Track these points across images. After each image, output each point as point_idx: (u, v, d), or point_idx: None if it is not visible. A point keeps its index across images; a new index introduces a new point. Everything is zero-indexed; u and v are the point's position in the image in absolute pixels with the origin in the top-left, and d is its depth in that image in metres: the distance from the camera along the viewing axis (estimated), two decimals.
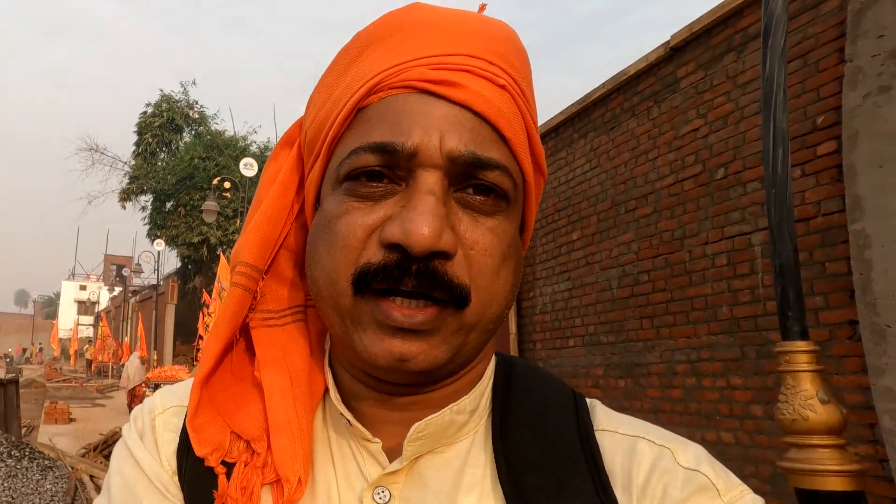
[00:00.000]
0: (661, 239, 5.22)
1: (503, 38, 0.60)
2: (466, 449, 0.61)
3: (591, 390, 6.01)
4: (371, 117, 0.56)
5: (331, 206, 0.57)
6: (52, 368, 32.23)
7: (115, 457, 0.66)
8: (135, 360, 15.30)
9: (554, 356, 6.65)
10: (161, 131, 24.73)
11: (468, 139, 0.54)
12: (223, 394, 0.64)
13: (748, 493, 0.57)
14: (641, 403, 5.36)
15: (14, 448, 6.43)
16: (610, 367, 5.80)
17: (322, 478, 0.61)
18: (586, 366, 6.13)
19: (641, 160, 5.52)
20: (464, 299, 0.54)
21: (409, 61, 0.56)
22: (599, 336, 5.96)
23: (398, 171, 0.54)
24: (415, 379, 0.57)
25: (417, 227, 0.50)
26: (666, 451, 0.59)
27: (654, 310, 5.25)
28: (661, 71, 5.36)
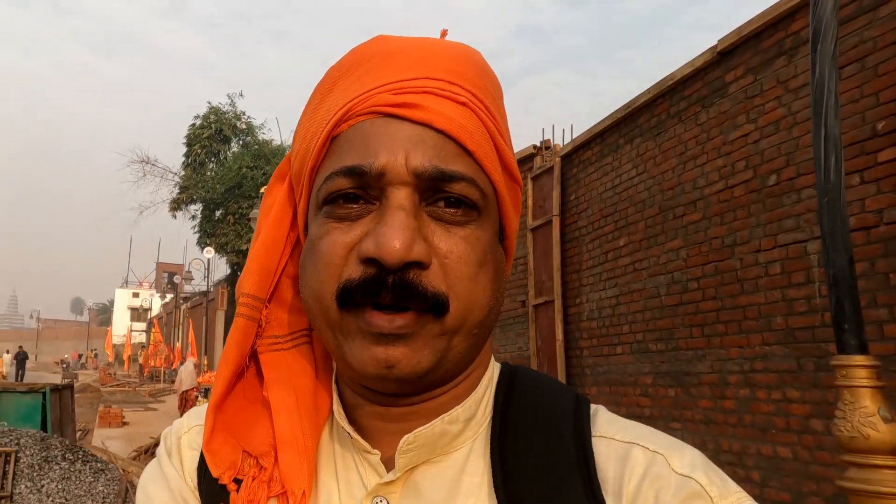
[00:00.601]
0: (711, 246, 5.14)
1: (463, 59, 0.63)
2: (464, 457, 0.63)
3: (640, 399, 5.95)
4: (342, 144, 0.60)
5: (314, 229, 0.61)
6: (106, 373, 33.00)
7: (145, 473, 0.71)
8: (189, 365, 15.59)
9: (601, 363, 6.60)
10: (209, 142, 25.19)
11: (432, 155, 0.57)
12: (236, 416, 0.68)
13: (746, 501, 0.56)
14: (692, 413, 5.28)
15: (68, 451, 6.61)
16: (659, 375, 5.73)
17: (325, 489, 0.64)
18: (634, 374, 6.07)
19: (689, 166, 5.45)
20: (441, 306, 0.56)
21: (374, 89, 0.60)
22: (648, 344, 5.89)
23: (371, 191, 0.58)
24: (403, 387, 0.60)
25: (389, 241, 0.54)
26: (659, 457, 0.59)
27: (705, 318, 5.17)
28: (709, 76, 5.28)
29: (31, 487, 6.03)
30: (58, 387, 9.13)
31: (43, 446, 6.50)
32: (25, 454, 6.28)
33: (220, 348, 23.24)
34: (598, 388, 6.63)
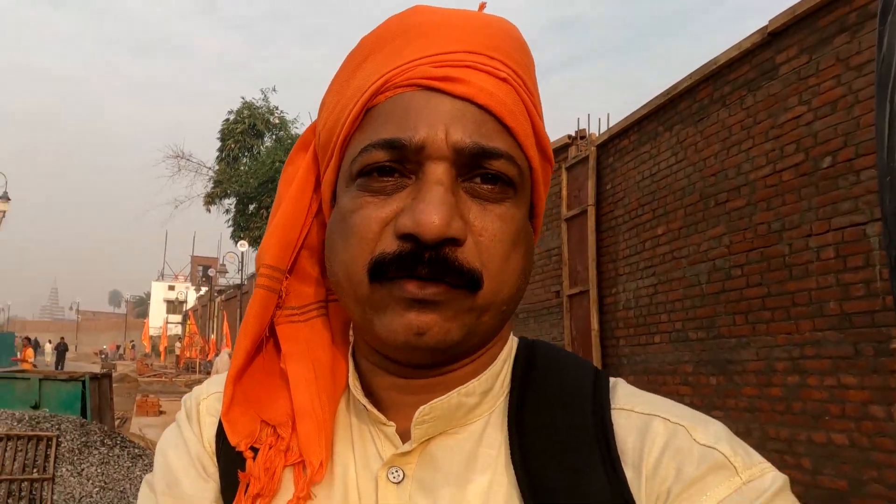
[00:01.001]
0: (756, 232, 5.03)
1: (502, 33, 0.62)
2: (481, 429, 0.63)
3: (680, 387, 5.86)
4: (379, 115, 0.59)
5: (346, 201, 0.60)
6: (143, 364, 33.57)
7: (164, 437, 0.73)
8: (224, 356, 15.79)
9: (639, 352, 6.52)
10: (243, 137, 25.42)
11: (472, 131, 0.56)
12: (254, 387, 0.68)
13: (770, 471, 0.55)
14: (736, 402, 5.18)
15: (107, 437, 6.74)
16: (700, 363, 5.63)
17: (341, 460, 0.64)
18: (673, 363, 5.98)
19: (733, 151, 5.34)
20: (476, 282, 0.56)
21: (413, 61, 0.59)
22: (688, 332, 5.80)
23: (408, 165, 0.57)
24: (430, 357, 0.59)
25: (428, 217, 0.53)
26: (681, 429, 0.58)
27: (749, 305, 5.07)
28: (757, 58, 5.15)
29: (71, 470, 6.14)
30: (97, 376, 9.29)
31: (83, 432, 6.61)
32: (66, 439, 6.40)
33: None
34: (635, 376, 6.55)
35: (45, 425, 6.48)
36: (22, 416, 6.55)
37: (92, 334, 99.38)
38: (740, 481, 0.54)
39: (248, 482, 0.63)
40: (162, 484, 0.69)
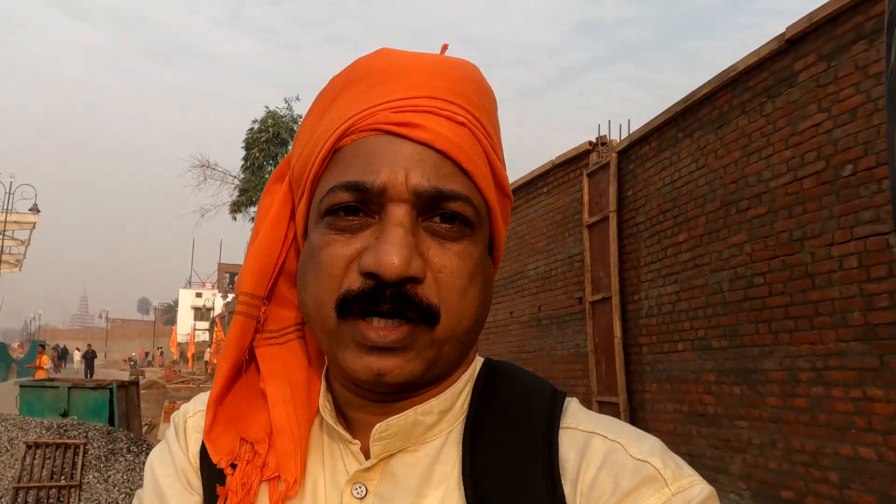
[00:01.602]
0: (778, 240, 4.98)
1: (462, 77, 0.65)
2: (439, 447, 0.66)
3: (703, 396, 5.81)
4: (345, 158, 0.62)
5: (315, 238, 0.63)
6: (171, 371, 33.82)
7: (154, 453, 0.77)
8: None
9: (661, 360, 6.47)
10: (267, 146, 25.61)
11: (431, 174, 0.60)
12: (236, 406, 0.72)
13: (698, 483, 0.59)
14: (760, 412, 5.13)
15: (133, 444, 6.84)
16: (723, 372, 5.58)
17: (312, 475, 0.68)
18: (696, 371, 5.93)
19: (754, 158, 5.29)
20: (434, 318, 0.60)
21: (376, 105, 0.62)
22: (710, 340, 5.75)
23: (371, 206, 0.61)
24: (395, 389, 0.63)
25: (388, 258, 0.57)
26: (617, 445, 0.61)
27: (772, 314, 5.01)
28: (776, 65, 5.10)
29: (98, 477, 6.23)
30: (124, 383, 9.41)
31: (109, 439, 6.72)
32: (93, 446, 6.50)
33: None
34: (658, 384, 6.51)
35: (72, 433, 6.59)
36: (50, 425, 6.67)
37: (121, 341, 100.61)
38: (669, 492, 0.58)
39: (227, 496, 0.67)
40: (151, 497, 0.73)
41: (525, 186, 9.62)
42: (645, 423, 6.69)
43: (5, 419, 6.76)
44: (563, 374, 8.32)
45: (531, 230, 9.35)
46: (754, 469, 5.18)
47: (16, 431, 6.49)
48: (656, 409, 6.54)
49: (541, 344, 8.92)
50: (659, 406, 6.50)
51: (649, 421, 6.63)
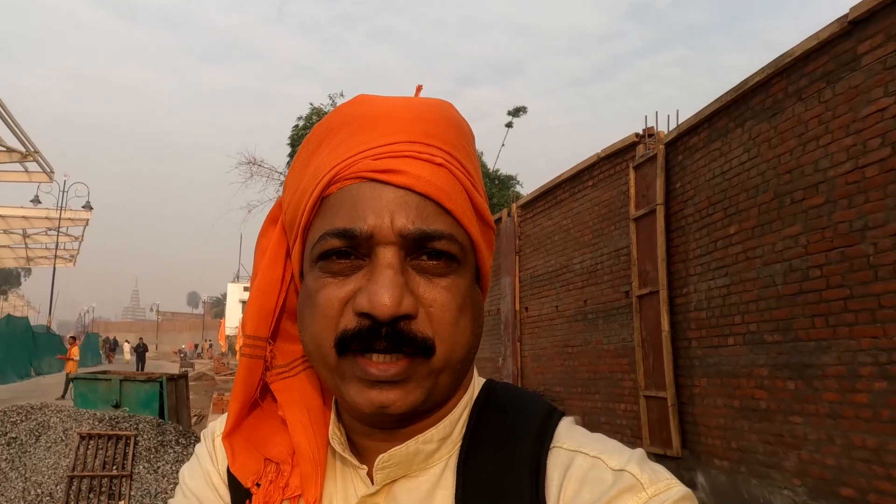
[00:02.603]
0: (836, 231, 4.81)
1: (437, 118, 0.68)
2: (439, 473, 0.69)
3: (755, 391, 5.68)
4: (333, 205, 0.65)
5: (310, 281, 0.67)
6: (220, 363, 34.42)
7: (185, 469, 0.82)
8: None
9: (711, 354, 6.33)
10: None
11: (415, 217, 0.63)
12: (255, 431, 0.77)
13: (675, 486, 0.61)
14: (816, 407, 4.98)
15: (182, 436, 6.99)
16: (776, 367, 5.43)
17: (327, 496, 0.72)
18: (748, 365, 5.79)
19: (810, 147, 5.12)
20: (429, 350, 0.63)
21: (357, 154, 0.65)
22: (763, 334, 5.60)
23: (361, 249, 0.64)
24: (397, 420, 0.67)
25: (380, 299, 0.60)
26: (598, 461, 0.64)
27: (829, 307, 4.86)
28: (836, 48, 4.92)
29: (148, 468, 6.37)
30: (174, 377, 9.59)
31: (159, 431, 6.86)
32: (143, 438, 6.64)
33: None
34: (708, 379, 6.37)
35: (124, 425, 6.74)
36: (103, 416, 6.82)
37: (171, 334, 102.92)
38: (647, 496, 0.60)
39: None
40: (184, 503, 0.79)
41: (570, 180, 9.52)
42: (694, 418, 6.56)
43: (60, 410, 6.94)
44: (610, 369, 8.22)
45: (577, 224, 9.25)
46: (810, 465, 5.04)
47: (70, 422, 6.66)
48: (706, 403, 6.41)
49: (587, 338, 8.82)
50: (708, 401, 6.36)
51: (698, 415, 6.50)
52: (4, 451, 6.26)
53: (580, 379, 8.94)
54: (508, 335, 11.34)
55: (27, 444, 6.40)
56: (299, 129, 26.22)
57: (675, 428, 6.75)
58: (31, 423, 6.65)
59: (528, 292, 10.84)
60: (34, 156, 20.73)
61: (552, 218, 10.06)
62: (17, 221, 30.02)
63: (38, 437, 6.50)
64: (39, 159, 21.23)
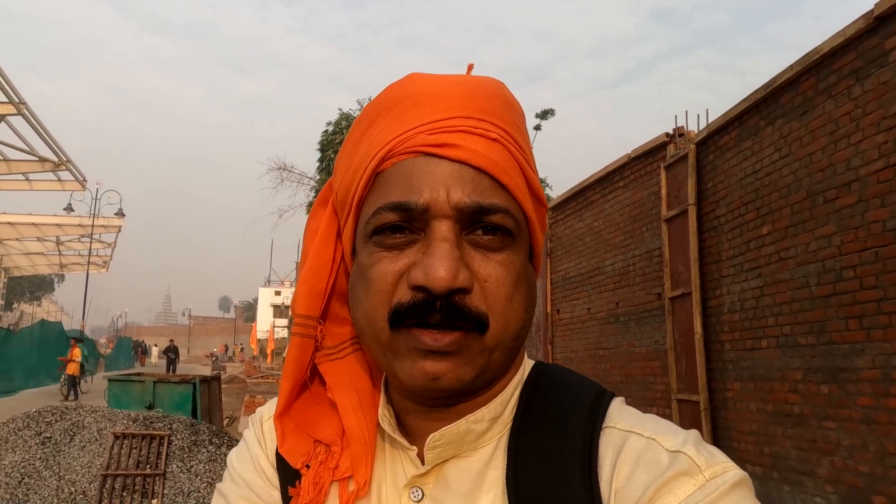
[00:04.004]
0: (870, 231, 4.72)
1: (491, 96, 0.68)
2: (490, 452, 0.69)
3: (788, 395, 5.58)
4: (387, 181, 0.66)
5: (364, 257, 0.67)
6: (251, 366, 34.70)
7: (233, 453, 0.83)
8: None
9: (745, 357, 6.24)
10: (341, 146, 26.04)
11: (471, 190, 0.63)
12: (305, 414, 0.77)
13: (731, 469, 0.60)
14: (850, 412, 4.88)
15: (215, 436, 7.07)
16: (810, 371, 5.34)
17: (376, 477, 0.72)
18: (782, 368, 5.69)
19: (842, 145, 5.04)
20: (483, 325, 0.62)
21: (412, 129, 0.65)
22: (797, 337, 5.51)
23: (416, 224, 0.64)
24: (447, 395, 0.66)
25: (436, 271, 0.60)
26: (653, 442, 0.63)
27: (864, 309, 4.76)
28: (864, 44, 4.84)
29: (181, 467, 6.45)
30: (206, 378, 9.72)
31: (192, 431, 6.95)
32: (177, 437, 6.73)
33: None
34: (741, 383, 6.28)
35: (157, 425, 6.84)
36: (137, 417, 6.93)
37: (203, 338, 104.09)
38: (704, 479, 0.59)
39: (298, 495, 0.72)
40: (233, 489, 0.79)
41: (601, 181, 9.47)
42: (727, 423, 6.47)
43: (95, 410, 7.07)
44: (642, 372, 8.14)
45: (608, 225, 9.19)
46: (843, 472, 4.94)
47: (104, 422, 6.79)
48: (738, 408, 6.32)
49: (619, 341, 8.75)
50: (741, 405, 6.28)
51: (731, 420, 6.42)
52: (39, 450, 6.40)
53: (612, 382, 8.87)
54: (540, 338, 11.30)
55: (61, 444, 6.53)
56: (328, 134, 26.38)
57: (708, 432, 6.66)
58: (66, 423, 6.79)
59: (559, 294, 10.80)
60: (66, 165, 21.15)
61: (583, 219, 10.01)
62: (51, 229, 30.65)
63: (73, 437, 6.63)
64: (72, 168, 21.66)
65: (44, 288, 79.71)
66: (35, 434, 6.60)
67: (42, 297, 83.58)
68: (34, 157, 20.66)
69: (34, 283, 73.14)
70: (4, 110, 17.13)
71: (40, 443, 6.49)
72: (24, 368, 21.77)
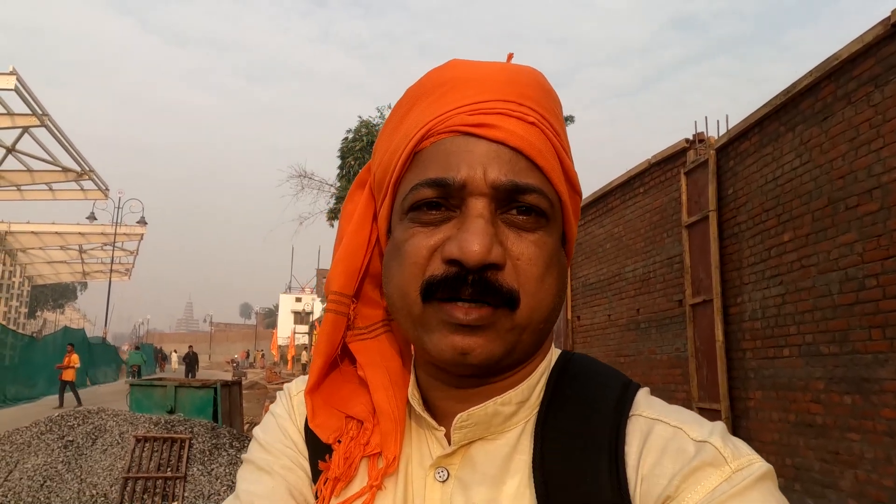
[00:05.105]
0: (892, 238, 4.67)
1: (530, 82, 0.70)
2: (517, 436, 0.70)
3: (811, 405, 5.51)
4: (425, 159, 0.67)
5: (399, 232, 0.68)
6: (272, 372, 34.87)
7: (259, 429, 0.83)
8: None
9: (766, 366, 6.18)
10: (362, 154, 26.02)
11: (507, 170, 0.64)
12: (335, 392, 0.79)
13: (757, 461, 0.60)
14: (874, 423, 4.81)
15: (235, 440, 7.13)
16: (833, 381, 5.27)
17: (404, 456, 0.73)
18: (804, 378, 5.63)
19: (862, 151, 4.99)
20: (514, 302, 0.63)
21: (452, 110, 0.66)
22: (819, 346, 5.45)
23: (452, 201, 0.65)
24: (476, 371, 0.67)
25: (470, 245, 0.61)
26: (679, 431, 0.64)
27: (886, 318, 4.70)
28: (883, 51, 4.80)
29: (202, 470, 6.50)
30: (227, 383, 9.80)
31: (213, 435, 7.00)
32: (198, 441, 6.79)
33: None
34: (762, 392, 6.22)
35: (178, 428, 6.90)
36: (158, 420, 7.00)
37: (224, 344, 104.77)
38: (730, 470, 0.59)
39: (329, 467, 0.73)
40: (266, 457, 0.79)
41: (621, 187, 9.43)
42: (748, 433, 6.41)
43: (116, 414, 7.15)
44: (663, 380, 8.09)
45: (628, 231, 9.15)
46: (867, 486, 4.86)
47: (126, 426, 6.87)
48: (760, 417, 6.25)
49: (639, 348, 8.70)
50: (763, 415, 6.21)
51: (752, 430, 6.35)
52: (61, 453, 6.48)
53: None
54: (560, 344, 11.24)
55: (83, 447, 6.61)
56: (348, 141, 26.44)
57: None
58: (88, 427, 6.87)
59: (580, 301, 10.77)
60: (89, 175, 21.47)
61: (604, 226, 9.99)
62: (74, 238, 31.13)
63: (95, 441, 6.71)
64: (94, 178, 21.96)
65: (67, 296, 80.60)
66: (58, 438, 6.68)
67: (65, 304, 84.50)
68: (57, 167, 21.01)
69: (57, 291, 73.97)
70: (28, 122, 17.47)
71: (62, 446, 6.57)
72: (48, 375, 21.95)
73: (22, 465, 6.37)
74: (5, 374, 20.30)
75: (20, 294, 36.20)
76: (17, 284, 35.07)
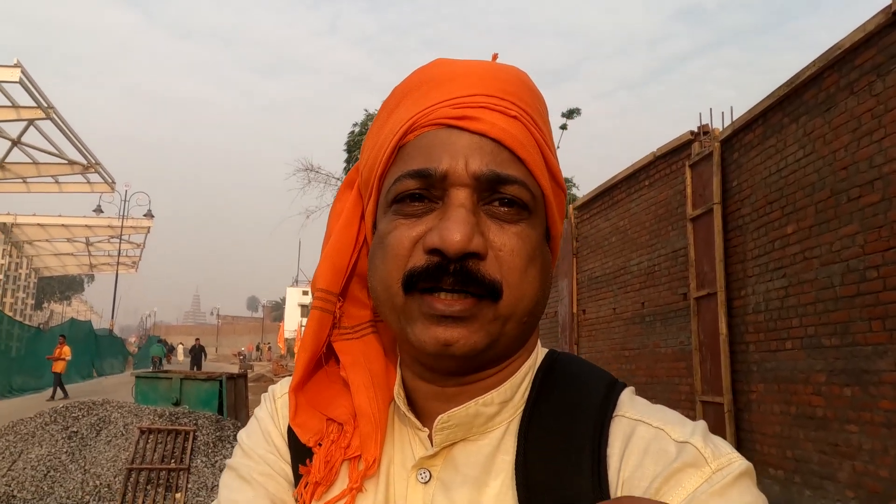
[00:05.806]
0: (893, 230, 4.65)
1: (513, 79, 0.71)
2: (500, 436, 0.69)
3: (812, 397, 5.51)
4: (409, 151, 0.68)
5: (383, 225, 0.68)
6: (279, 365, 34.96)
7: (244, 432, 0.83)
8: None
9: (769, 359, 6.17)
10: None
11: (489, 161, 0.65)
12: (319, 392, 0.78)
13: (737, 460, 0.61)
14: (872, 415, 4.81)
15: None
16: (833, 373, 5.27)
17: (385, 457, 0.73)
18: (805, 370, 5.63)
19: (865, 142, 4.97)
20: (496, 292, 0.63)
21: (435, 104, 0.67)
22: (821, 338, 5.44)
23: (434, 192, 0.65)
24: (459, 364, 0.67)
25: (451, 234, 0.61)
26: (661, 432, 0.64)
27: (886, 310, 4.69)
28: (884, 40, 4.77)
29: (206, 462, 6.54)
30: (233, 376, 9.84)
31: (217, 427, 7.04)
32: (202, 433, 6.82)
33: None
34: (765, 385, 6.21)
35: (183, 420, 6.94)
36: (163, 412, 7.04)
37: (231, 337, 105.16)
38: (710, 471, 0.60)
39: (310, 471, 0.73)
40: (248, 464, 0.79)
41: (626, 180, 9.42)
42: (750, 425, 6.41)
43: (121, 406, 7.19)
44: (667, 373, 8.09)
45: (633, 225, 9.14)
46: (864, 477, 4.86)
47: (131, 418, 6.91)
48: (762, 410, 6.25)
49: (644, 341, 8.70)
50: (765, 407, 6.21)
51: (755, 423, 6.35)
52: (65, 444, 6.53)
53: (637, 383, 8.81)
54: (565, 338, 11.26)
55: (88, 438, 6.66)
56: (355, 135, 26.49)
57: (731, 435, 6.60)
58: (93, 419, 6.92)
59: (585, 294, 10.77)
60: (95, 167, 21.55)
61: (609, 219, 9.97)
62: (81, 230, 31.25)
63: (99, 432, 6.75)
64: (101, 170, 22.03)
65: (73, 288, 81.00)
66: (62, 429, 6.73)
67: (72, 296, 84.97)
68: (63, 160, 21.08)
69: (64, 283, 74.37)
70: (33, 115, 17.53)
71: (67, 437, 6.62)
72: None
73: (26, 455, 6.42)
74: (12, 364, 20.45)
75: (27, 286, 36.42)
76: (24, 276, 35.29)
